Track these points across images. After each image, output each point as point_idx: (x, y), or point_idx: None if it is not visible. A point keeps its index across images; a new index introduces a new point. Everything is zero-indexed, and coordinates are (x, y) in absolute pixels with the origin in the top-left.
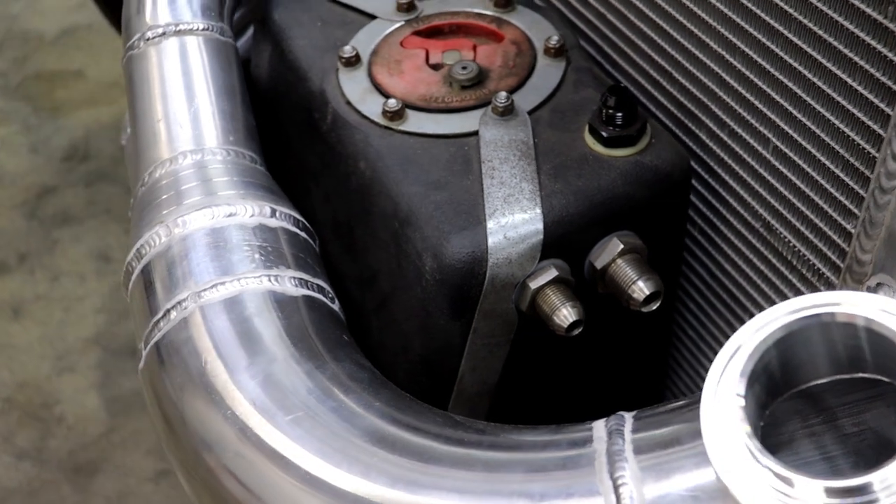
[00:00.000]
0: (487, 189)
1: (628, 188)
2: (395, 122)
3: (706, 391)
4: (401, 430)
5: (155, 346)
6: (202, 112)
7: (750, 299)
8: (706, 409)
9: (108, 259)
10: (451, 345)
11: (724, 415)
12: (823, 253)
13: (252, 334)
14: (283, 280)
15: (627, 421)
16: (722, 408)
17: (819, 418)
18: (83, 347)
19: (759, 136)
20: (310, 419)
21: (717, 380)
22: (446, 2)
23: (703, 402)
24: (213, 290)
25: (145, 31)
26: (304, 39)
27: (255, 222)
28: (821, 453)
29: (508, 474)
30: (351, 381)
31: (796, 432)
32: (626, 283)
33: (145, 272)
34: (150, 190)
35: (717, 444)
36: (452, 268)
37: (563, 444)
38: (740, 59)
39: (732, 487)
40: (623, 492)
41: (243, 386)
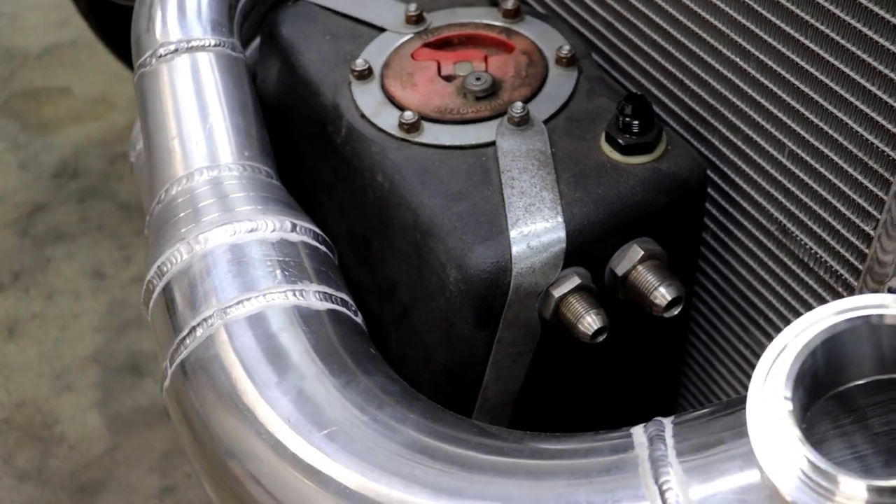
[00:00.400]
0: (508, 199)
1: (647, 195)
2: (412, 134)
3: (752, 393)
4: (439, 442)
5: (181, 363)
6: (216, 128)
7: (765, 302)
8: (753, 412)
9: (102, 276)
10: (475, 355)
11: (771, 417)
12: (842, 255)
13: (280, 350)
14: (308, 294)
15: (667, 426)
16: (769, 410)
17: (849, 418)
18: (81, 366)
19: (774, 140)
20: (345, 434)
21: (763, 381)
22: (454, 13)
23: (749, 404)
24: (239, 307)
25: (157, 48)
26: (314, 53)
27: (277, 237)
28: (852, 453)
29: (552, 482)
30: (384, 394)
31: (828, 432)
32: (647, 290)
33: (167, 290)
34: (167, 207)
35: (766, 445)
36: (477, 278)
37: (604, 450)
38: (754, 65)
39: (783, 488)
40: (669, 496)
41: (275, 402)
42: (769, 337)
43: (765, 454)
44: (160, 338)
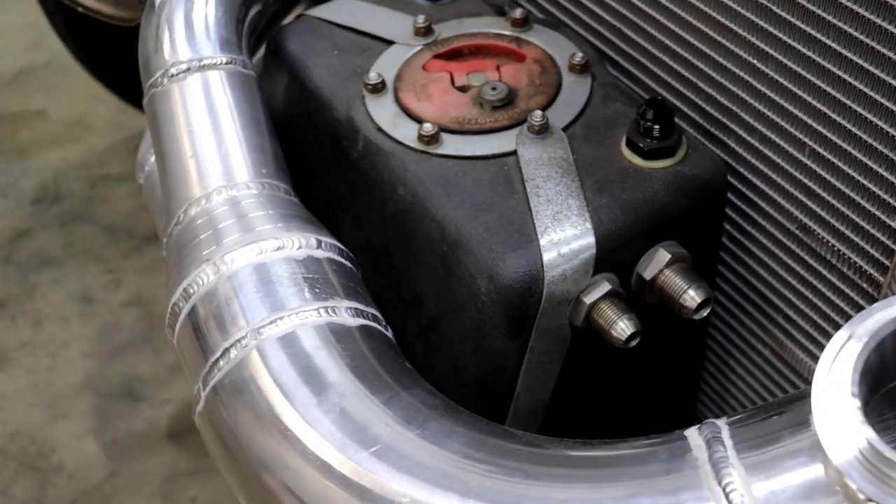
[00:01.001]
0: (535, 207)
1: (671, 198)
2: (432, 146)
3: (817, 386)
4: (490, 454)
5: (215, 386)
6: (232, 147)
7: (785, 301)
8: (818, 405)
9: (90, 301)
10: (507, 364)
11: (838, 410)
12: (867, 252)
13: (317, 369)
14: (340, 311)
15: (723, 428)
16: (836, 403)
17: (893, 412)
18: (75, 393)
19: (794, 140)
20: (393, 451)
21: (828, 373)
22: (462, 24)
23: (814, 397)
24: (272, 326)
25: (168, 68)
26: (324, 68)
27: (304, 254)
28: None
29: (612, 489)
30: (427, 408)
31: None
32: (676, 293)
33: (194, 312)
34: (187, 229)
35: (833, 438)
36: (510, 288)
37: (660, 455)
38: (773, 66)
39: (851, 480)
40: (734, 497)
41: (318, 423)
42: (789, 336)
43: (832, 447)
44: (189, 361)
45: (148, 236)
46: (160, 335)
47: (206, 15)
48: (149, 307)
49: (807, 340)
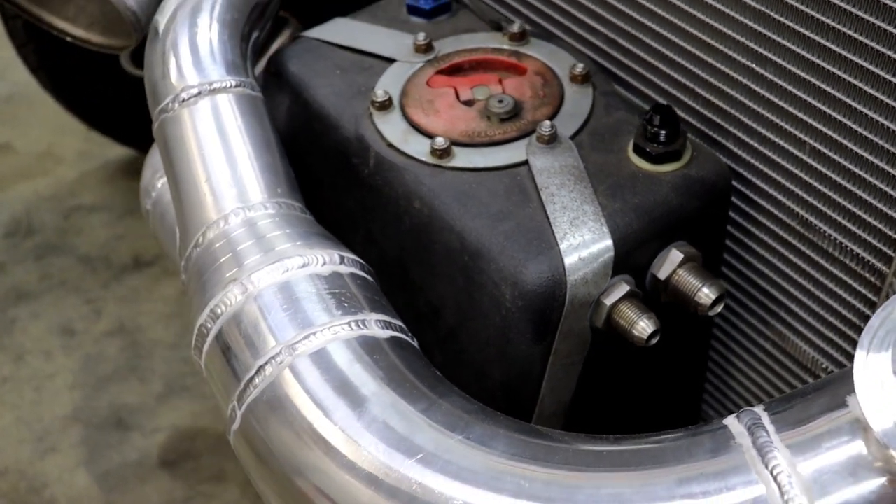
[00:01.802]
0: (552, 214)
1: (681, 200)
2: (445, 159)
3: (858, 366)
4: (536, 453)
5: (251, 404)
6: (246, 169)
7: (788, 296)
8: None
9: (72, 332)
10: (532, 369)
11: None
12: (870, 243)
13: (354, 382)
14: (370, 324)
15: (762, 414)
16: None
17: None
18: (62, 425)
19: (794, 139)
20: (438, 457)
21: (867, 354)
22: (460, 40)
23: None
24: (306, 342)
25: (178, 93)
26: (327, 88)
27: (328, 270)
28: None
29: (662, 478)
30: (466, 413)
31: None
32: (691, 291)
33: (224, 332)
34: (207, 251)
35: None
36: (534, 293)
37: (705, 444)
38: (772, 69)
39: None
40: (782, 479)
41: (360, 436)
42: (793, 330)
43: (876, 421)
44: (221, 381)
45: (126, 265)
46: (146, 364)
47: (212, 39)
48: (132, 336)
49: (811, 333)
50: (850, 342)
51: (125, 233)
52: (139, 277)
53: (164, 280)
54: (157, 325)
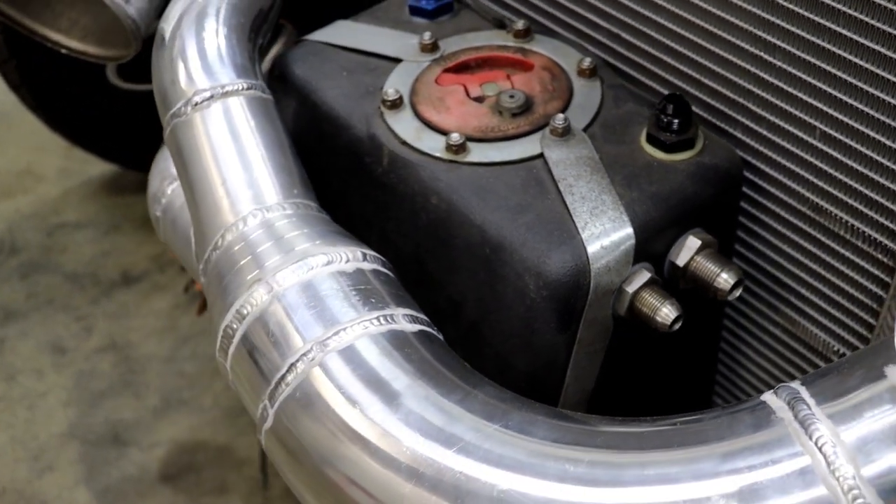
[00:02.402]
0: (571, 205)
1: (696, 188)
2: (460, 154)
3: None
4: (577, 437)
5: (284, 403)
6: (261, 171)
7: (798, 280)
8: None
9: (62, 350)
10: (557, 358)
11: None
12: (881, 224)
13: (387, 376)
14: (398, 318)
15: (800, 389)
16: None
17: None
18: (59, 443)
19: (803, 124)
20: (478, 446)
21: None
22: (464, 38)
23: None
24: (336, 338)
25: (190, 97)
26: (336, 89)
27: (353, 267)
28: None
29: (706, 455)
30: (501, 402)
31: None
32: (710, 277)
33: (251, 332)
34: (227, 254)
35: None
36: (559, 283)
37: (745, 420)
38: (780, 56)
39: None
40: (826, 449)
41: (398, 430)
42: (803, 314)
43: None
44: (249, 381)
45: (114, 281)
46: (140, 379)
47: (220, 43)
48: (124, 351)
49: (822, 317)
50: (862, 324)
51: (111, 249)
52: (128, 293)
53: (153, 295)
54: (150, 339)
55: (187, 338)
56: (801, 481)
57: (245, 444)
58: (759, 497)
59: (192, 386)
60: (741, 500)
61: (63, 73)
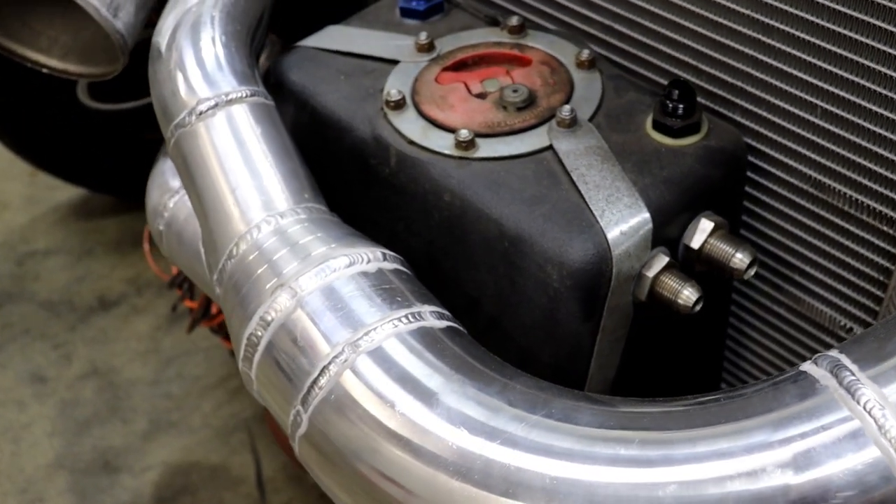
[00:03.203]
0: (586, 194)
1: (705, 171)
2: (470, 150)
3: None
4: (623, 420)
5: (318, 406)
6: (271, 177)
7: (802, 258)
8: None
9: (43, 380)
10: (581, 347)
11: None
12: (887, 196)
13: (422, 373)
14: (426, 315)
15: (840, 356)
16: None
17: None
18: (47, 474)
19: (804, 103)
20: (525, 437)
21: None
22: (459, 37)
23: None
24: (367, 339)
25: (194, 106)
26: (335, 93)
27: (374, 268)
28: None
29: (757, 427)
30: (540, 391)
31: None
32: (725, 258)
33: (278, 338)
34: (243, 262)
35: None
36: (582, 270)
37: (790, 390)
38: (778, 37)
39: None
40: (875, 412)
41: (440, 427)
42: (808, 291)
43: None
44: (278, 388)
45: (91, 307)
46: (126, 404)
47: (220, 52)
48: (107, 377)
49: (828, 293)
50: (870, 297)
51: (85, 274)
52: (107, 318)
53: (133, 318)
54: (133, 364)
55: (171, 359)
56: (854, 444)
57: (239, 462)
58: (814, 463)
59: (180, 407)
60: (796, 467)
61: (27, 95)
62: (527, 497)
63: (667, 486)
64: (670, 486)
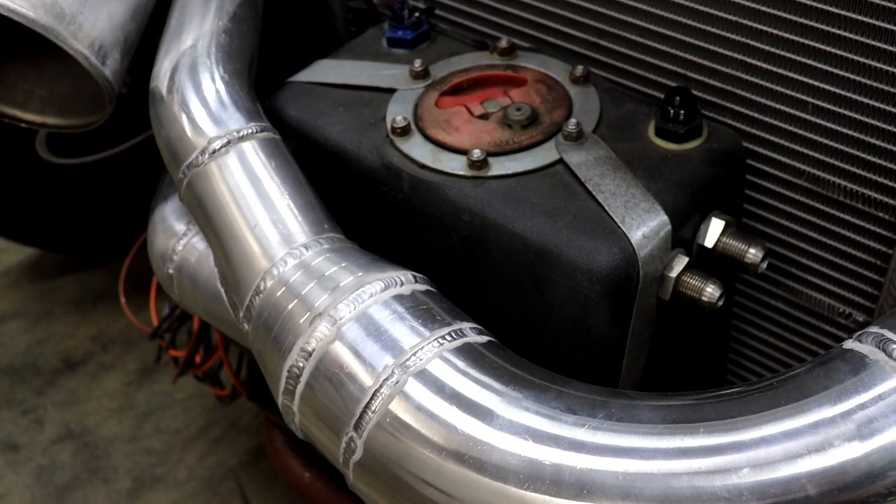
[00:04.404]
0: (604, 202)
1: (711, 172)
2: (483, 170)
3: None
4: (683, 413)
5: (373, 431)
6: (288, 211)
7: (798, 251)
8: None
9: (15, 448)
10: (613, 351)
11: None
12: (881, 183)
13: (476, 389)
14: (467, 332)
15: (883, 330)
16: None
17: None
18: None
19: (794, 101)
20: (591, 441)
21: None
22: (450, 63)
23: None
24: (414, 359)
25: (206, 145)
26: (337, 125)
27: (408, 290)
28: None
29: (818, 405)
30: (594, 394)
31: None
32: (739, 254)
33: (322, 367)
34: (272, 297)
35: None
36: (612, 276)
37: (841, 367)
38: (767, 41)
39: None
40: None
41: (502, 440)
42: (805, 283)
43: None
44: (326, 417)
45: (57, 368)
46: (105, 463)
47: (223, 91)
48: (83, 438)
49: (826, 282)
50: (868, 282)
51: (47, 336)
52: (74, 378)
53: (102, 375)
54: (108, 422)
55: (147, 413)
56: None
57: None
58: (877, 431)
59: (163, 462)
60: (861, 437)
61: None
62: (602, 496)
63: (740, 471)
64: (744, 470)
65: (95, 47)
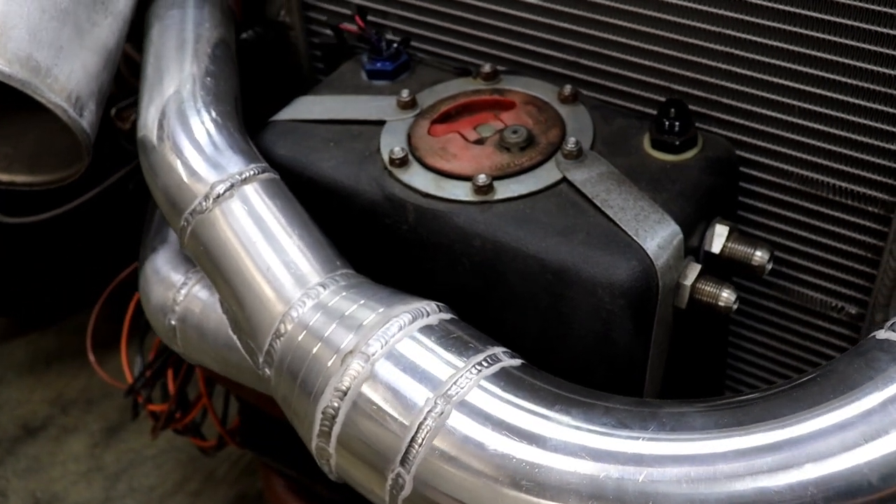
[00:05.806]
0: (615, 216)
1: (710, 180)
2: (489, 194)
3: None
4: (731, 416)
5: (422, 465)
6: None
7: (789, 251)
8: None
9: (5, 496)
10: (636, 362)
11: None
12: (871, 179)
13: (522, 413)
14: (500, 356)
15: None
16: None
17: None
18: None
19: (781, 106)
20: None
21: None
22: (435, 91)
23: None
24: (455, 387)
25: (208, 191)
26: (330, 161)
27: (436, 320)
28: None
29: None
30: (638, 407)
31: None
32: (746, 257)
33: (360, 405)
34: (294, 339)
35: None
36: (633, 288)
37: (882, 358)
38: (754, 49)
39: None
40: None
41: (559, 461)
42: (796, 281)
43: None
44: (368, 455)
45: (16, 436)
46: None
47: (217, 134)
48: None
49: (818, 278)
50: (861, 276)
51: (1, 403)
52: (35, 445)
53: (65, 439)
54: (77, 487)
55: (118, 473)
56: None
57: None
58: None
59: None
60: None
61: None
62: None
63: (802, 466)
64: (805, 466)
65: (72, 99)
